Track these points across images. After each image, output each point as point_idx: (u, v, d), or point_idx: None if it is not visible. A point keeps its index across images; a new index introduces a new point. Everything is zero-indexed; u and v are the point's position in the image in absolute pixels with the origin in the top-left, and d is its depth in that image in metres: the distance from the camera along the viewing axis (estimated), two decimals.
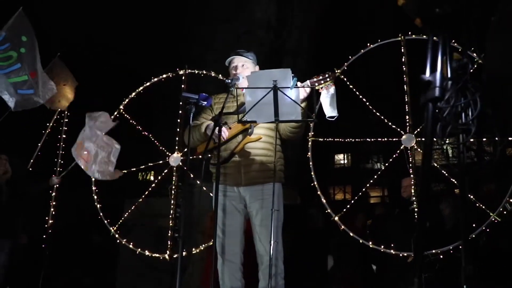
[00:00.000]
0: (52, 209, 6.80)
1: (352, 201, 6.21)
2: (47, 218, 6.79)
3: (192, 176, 6.16)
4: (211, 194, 6.69)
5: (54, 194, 6.87)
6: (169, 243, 6.26)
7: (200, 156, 4.22)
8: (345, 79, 6.24)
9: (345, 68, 6.28)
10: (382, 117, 6.24)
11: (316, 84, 3.82)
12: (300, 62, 9.49)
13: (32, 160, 7.07)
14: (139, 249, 6.64)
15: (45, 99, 6.20)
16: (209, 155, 4.08)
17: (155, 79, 6.85)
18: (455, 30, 2.06)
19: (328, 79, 3.83)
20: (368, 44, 6.24)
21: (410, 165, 5.92)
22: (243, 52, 4.38)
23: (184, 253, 6.12)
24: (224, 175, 4.04)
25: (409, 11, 2.06)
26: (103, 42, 13.10)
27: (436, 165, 5.81)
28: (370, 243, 5.86)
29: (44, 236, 6.75)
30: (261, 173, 4.01)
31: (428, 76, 1.96)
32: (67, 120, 7.12)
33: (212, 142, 3.87)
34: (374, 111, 6.33)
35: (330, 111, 3.96)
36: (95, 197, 6.76)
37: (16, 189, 6.24)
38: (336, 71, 6.23)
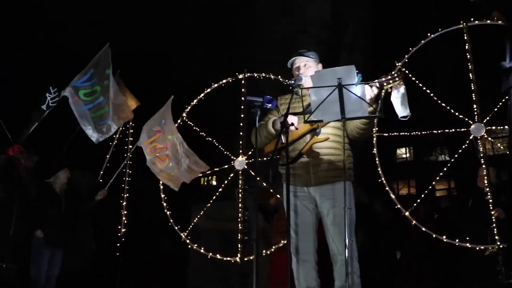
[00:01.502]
0: (123, 218, 6.96)
1: (423, 195, 6.07)
2: (119, 227, 6.96)
3: (258, 178, 6.17)
4: (278, 196, 6.78)
5: (124, 203, 7.04)
6: (239, 246, 6.30)
7: (267, 157, 4.21)
8: (406, 71, 6.10)
9: (406, 60, 6.16)
10: (448, 108, 6.08)
11: (385, 84, 3.72)
12: (357, 57, 9.37)
13: (102, 172, 7.27)
14: (211, 253, 6.75)
15: (120, 124, 6.41)
16: (277, 156, 4.07)
17: (215, 85, 6.95)
18: None
19: (397, 79, 3.73)
20: (429, 34, 6.09)
21: (481, 155, 5.73)
22: (304, 51, 4.33)
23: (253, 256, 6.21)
24: (293, 175, 4.00)
25: (484, 6, 1.99)
26: (157, 51, 13.36)
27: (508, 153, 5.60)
28: (444, 237, 5.71)
29: (118, 245, 6.91)
30: (331, 172, 3.96)
31: (508, 62, 1.90)
32: (132, 131, 7.29)
33: (280, 143, 3.89)
34: (439, 102, 6.18)
35: (402, 111, 3.83)
36: (164, 204, 6.91)
37: (73, 201, 6.44)
38: (397, 64, 6.12)
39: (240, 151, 6.67)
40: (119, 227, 6.95)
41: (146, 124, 6.86)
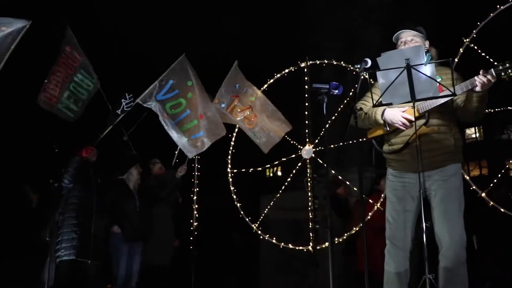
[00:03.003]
0: (195, 212, 7.07)
1: (499, 175, 5.84)
2: (191, 221, 7.08)
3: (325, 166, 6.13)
4: (347, 184, 6.72)
5: (195, 198, 7.14)
6: (310, 235, 6.29)
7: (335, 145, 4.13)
8: (475, 47, 5.86)
9: (474, 35, 5.91)
10: None
11: (503, 73, 3.44)
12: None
13: (173, 164, 7.40)
14: (282, 243, 6.78)
15: (213, 140, 6.47)
16: (377, 141, 3.97)
17: (278, 75, 6.95)
18: None
19: None
20: (498, 6, 5.81)
21: None
22: (412, 25, 4.06)
23: (325, 244, 6.19)
24: (400, 161, 3.88)
25: None
26: (220, 48, 13.51)
27: None
28: None
29: (191, 238, 7.04)
30: (440, 156, 3.75)
31: None
32: None
33: (383, 129, 3.83)
34: None
35: None
36: (234, 196, 6.99)
37: (148, 195, 6.58)
38: (465, 40, 5.89)
39: (307, 139, 6.65)
40: (191, 221, 7.07)
41: (217, 96, 6.56)
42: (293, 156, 6.92)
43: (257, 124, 6.47)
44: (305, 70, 6.76)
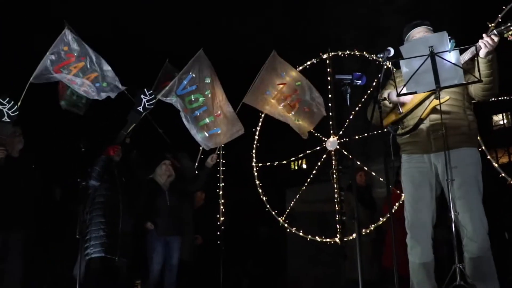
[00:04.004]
0: (221, 207, 7.09)
1: None
2: (218, 215, 7.11)
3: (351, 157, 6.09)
4: (372, 173, 6.66)
5: (221, 192, 7.15)
6: (337, 226, 6.26)
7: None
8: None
9: (500, 20, 5.79)
10: None
11: (505, 31, 3.42)
12: (446, 22, 8.93)
13: (196, 164, 7.43)
14: (309, 236, 6.77)
15: (229, 139, 6.42)
16: (395, 127, 3.93)
17: (300, 67, 6.92)
18: None
19: None
20: None
21: None
22: (420, 22, 4.01)
23: (352, 236, 6.17)
24: (413, 143, 3.84)
25: None
26: (244, 37, 13.47)
27: None
28: None
29: (218, 233, 7.07)
30: (454, 137, 3.65)
31: None
32: None
33: (397, 113, 3.77)
34: None
35: None
36: (260, 190, 7.00)
37: (180, 190, 6.60)
38: (490, 25, 5.77)
39: (331, 131, 6.62)
40: (218, 216, 7.09)
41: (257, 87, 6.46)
42: (318, 148, 6.91)
43: (298, 108, 6.44)
44: (328, 61, 6.73)
